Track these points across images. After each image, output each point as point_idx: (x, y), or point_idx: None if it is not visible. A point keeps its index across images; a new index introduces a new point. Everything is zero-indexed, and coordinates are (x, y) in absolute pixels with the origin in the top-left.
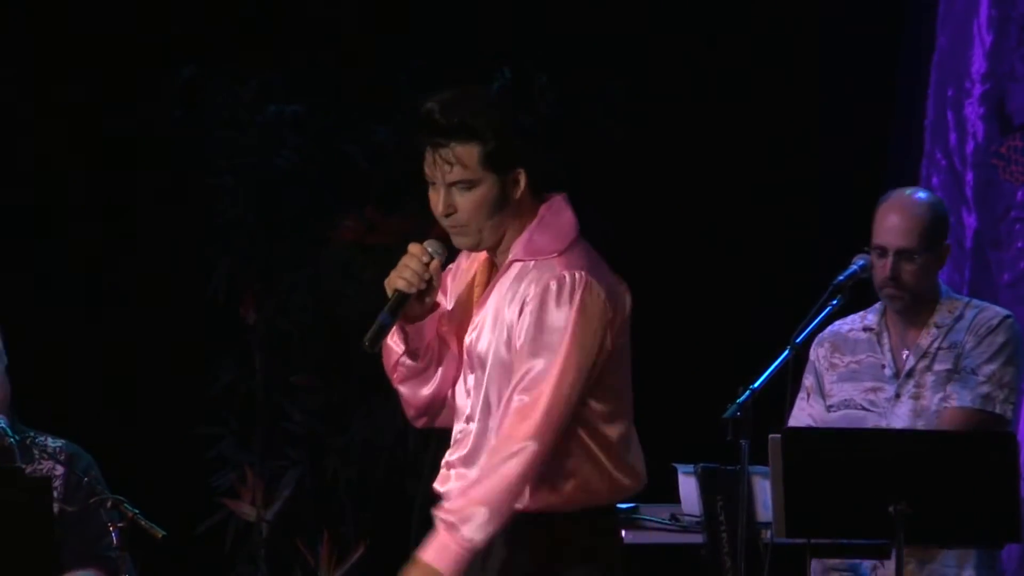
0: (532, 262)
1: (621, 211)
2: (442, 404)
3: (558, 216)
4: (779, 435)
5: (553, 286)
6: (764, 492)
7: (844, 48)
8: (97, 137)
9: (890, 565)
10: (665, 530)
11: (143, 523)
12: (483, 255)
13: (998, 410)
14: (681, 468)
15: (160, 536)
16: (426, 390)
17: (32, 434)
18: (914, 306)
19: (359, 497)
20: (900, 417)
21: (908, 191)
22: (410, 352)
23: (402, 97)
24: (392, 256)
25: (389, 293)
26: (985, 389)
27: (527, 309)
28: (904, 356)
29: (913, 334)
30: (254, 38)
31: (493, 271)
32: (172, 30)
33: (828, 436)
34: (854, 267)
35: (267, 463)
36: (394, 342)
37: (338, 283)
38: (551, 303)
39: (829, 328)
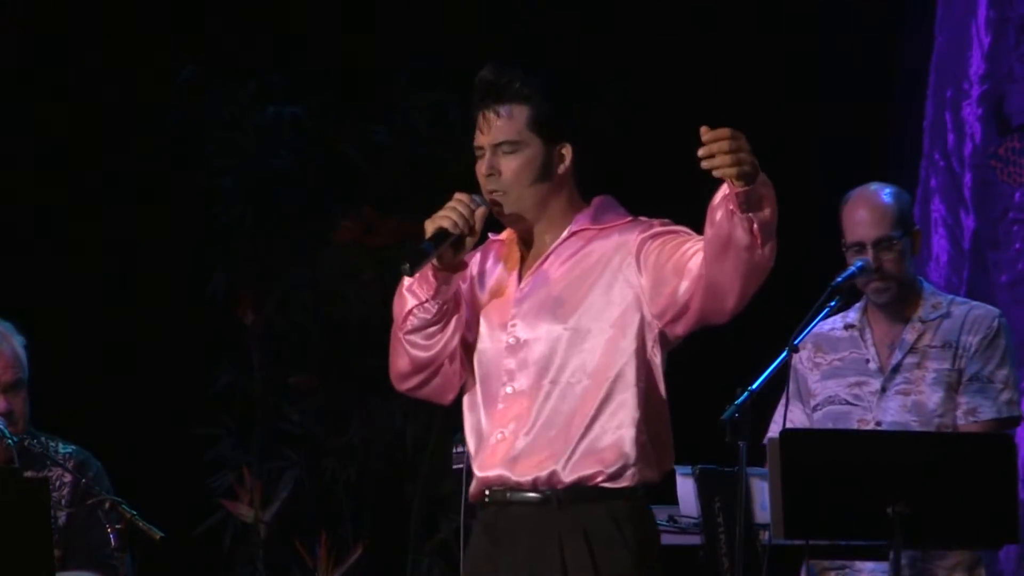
0: (603, 229)
1: None
2: (436, 371)
3: (615, 204)
4: (777, 436)
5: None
6: (762, 493)
7: (843, 49)
8: (97, 137)
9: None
10: (663, 531)
11: (141, 524)
12: (505, 240)
13: (1016, 413)
14: (679, 469)
15: (158, 538)
16: (428, 350)
17: (44, 439)
18: (900, 298)
19: (357, 498)
20: (889, 411)
21: (870, 186)
22: (432, 301)
23: (401, 98)
24: (391, 256)
25: (428, 232)
26: (1006, 396)
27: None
28: (889, 351)
29: (897, 329)
30: (253, 39)
31: (525, 254)
32: (172, 31)
33: (826, 437)
34: (852, 268)
35: (265, 464)
36: (413, 291)
37: (336, 284)
38: None
39: (810, 331)
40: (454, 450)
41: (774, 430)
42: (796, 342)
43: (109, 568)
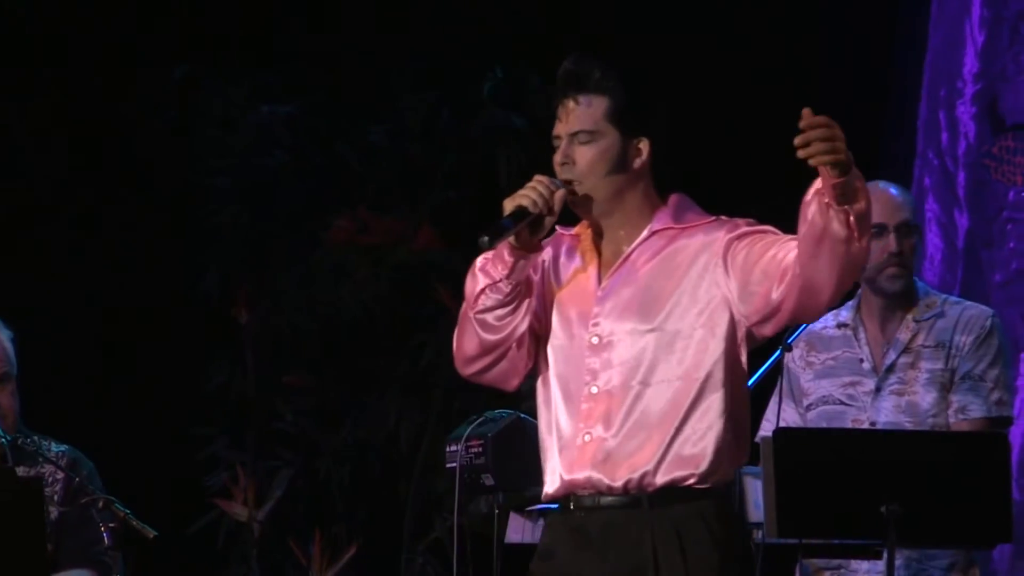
0: (686, 229)
1: None
2: (503, 355)
3: (693, 203)
4: (770, 435)
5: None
6: (756, 492)
7: (838, 49)
8: (95, 137)
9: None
10: None
11: (135, 523)
12: (578, 235)
13: (1007, 413)
14: None
15: (152, 536)
16: (497, 332)
17: (36, 438)
18: (905, 291)
19: (351, 497)
20: (883, 411)
21: (878, 183)
22: (505, 280)
23: (397, 98)
24: (384, 256)
25: (507, 209)
26: (996, 395)
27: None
28: (883, 350)
29: (891, 328)
30: (248, 38)
31: (601, 251)
32: (166, 30)
33: (820, 437)
34: None
35: (259, 463)
36: (486, 270)
37: (331, 283)
38: None
39: (802, 329)
40: (448, 449)
41: (767, 428)
42: (790, 341)
43: (102, 566)
